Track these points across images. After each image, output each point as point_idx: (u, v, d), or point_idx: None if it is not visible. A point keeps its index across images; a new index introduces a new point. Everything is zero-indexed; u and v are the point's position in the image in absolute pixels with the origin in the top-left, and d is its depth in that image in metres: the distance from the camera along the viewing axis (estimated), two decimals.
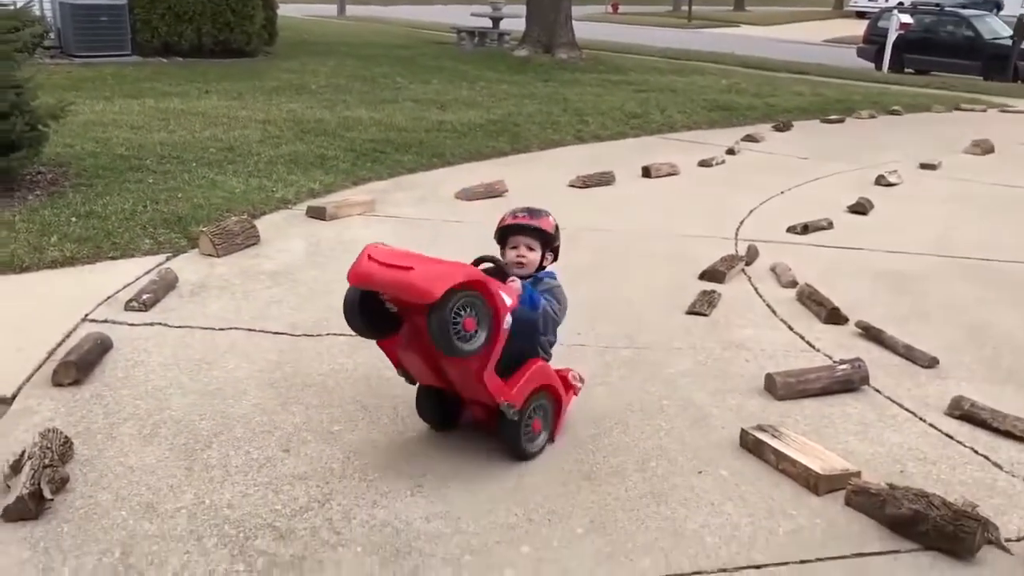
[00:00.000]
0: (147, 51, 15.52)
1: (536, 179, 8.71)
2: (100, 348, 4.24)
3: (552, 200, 8.18)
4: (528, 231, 3.53)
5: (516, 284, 3.35)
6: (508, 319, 3.12)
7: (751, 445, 3.59)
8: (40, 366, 4.14)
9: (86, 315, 4.76)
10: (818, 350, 4.70)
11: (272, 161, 8.46)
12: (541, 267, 3.58)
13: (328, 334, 4.63)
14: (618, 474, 3.42)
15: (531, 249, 3.53)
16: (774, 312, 5.22)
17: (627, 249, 6.41)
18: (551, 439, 3.57)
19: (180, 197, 6.96)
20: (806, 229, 7.02)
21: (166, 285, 5.14)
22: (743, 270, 5.94)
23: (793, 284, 5.64)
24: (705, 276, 5.73)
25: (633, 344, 4.67)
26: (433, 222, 6.93)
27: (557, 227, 3.60)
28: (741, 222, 7.31)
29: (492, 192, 7.88)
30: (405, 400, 3.91)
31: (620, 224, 7.08)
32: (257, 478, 3.32)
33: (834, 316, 5.05)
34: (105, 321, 4.68)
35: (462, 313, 2.95)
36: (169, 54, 15.72)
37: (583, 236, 6.66)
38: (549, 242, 3.56)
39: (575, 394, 3.73)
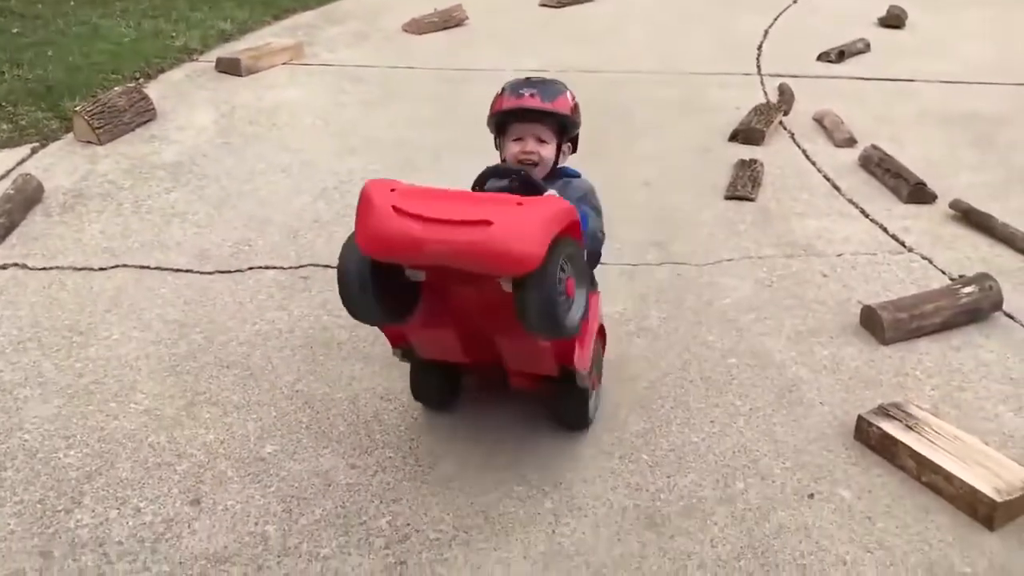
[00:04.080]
0: None
1: None
2: None
3: (521, 25, 6.75)
4: (538, 116, 2.44)
5: (555, 199, 2.14)
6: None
7: (875, 442, 2.49)
8: None
9: None
10: (911, 249, 3.53)
11: None
12: (556, 163, 2.51)
13: (251, 268, 3.37)
14: (695, 512, 2.31)
15: (543, 141, 2.47)
16: (838, 189, 4.02)
17: (628, 98, 5.06)
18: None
19: (51, 55, 5.40)
20: (842, 56, 5.70)
21: (26, 199, 3.77)
22: (781, 123, 4.67)
23: (851, 142, 4.40)
24: (739, 137, 4.46)
25: (668, 256, 3.47)
26: (379, 70, 5.48)
27: (577, 106, 2.52)
28: (759, 48, 5.95)
29: (448, 21, 6.38)
30: (367, 387, 2.73)
31: (611, 59, 5.68)
32: (151, 565, 2.16)
33: (919, 194, 3.86)
34: None
35: (563, 273, 2.01)
36: None
37: (569, 82, 5.28)
38: (567, 129, 2.51)
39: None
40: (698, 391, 2.74)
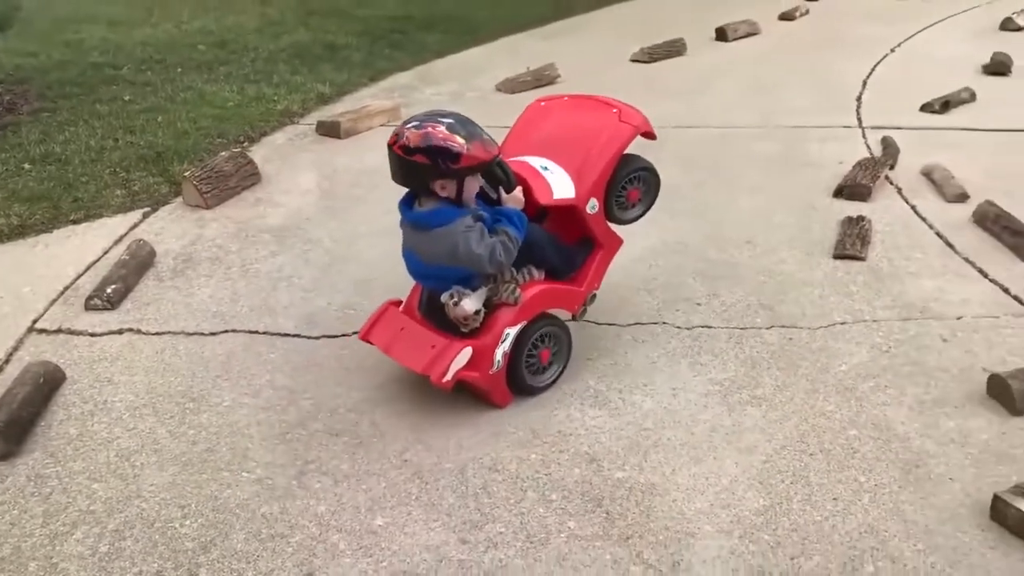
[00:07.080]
0: None
1: (590, 54, 7.23)
2: (44, 390, 3.05)
3: (615, 82, 6.74)
4: None
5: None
6: None
7: (1013, 523, 2.35)
8: None
9: (33, 322, 3.56)
10: None
11: (272, 58, 7.05)
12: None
13: (356, 333, 3.38)
14: None
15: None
16: (952, 247, 3.87)
17: (723, 152, 5.01)
18: None
19: (160, 121, 5.62)
20: (946, 106, 5.54)
21: (139, 264, 3.90)
22: (887, 177, 4.54)
23: (963, 197, 4.25)
24: (844, 192, 4.35)
25: (777, 319, 3.38)
26: None
27: (436, 147, 2.60)
28: (859, 99, 5.84)
29: (541, 79, 6.44)
30: (474, 456, 2.70)
31: (705, 113, 5.64)
32: None
33: None
34: (59, 331, 3.49)
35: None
36: None
37: (663, 138, 5.25)
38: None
39: None
40: (819, 465, 2.63)
